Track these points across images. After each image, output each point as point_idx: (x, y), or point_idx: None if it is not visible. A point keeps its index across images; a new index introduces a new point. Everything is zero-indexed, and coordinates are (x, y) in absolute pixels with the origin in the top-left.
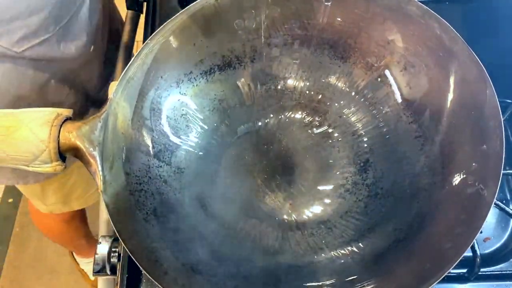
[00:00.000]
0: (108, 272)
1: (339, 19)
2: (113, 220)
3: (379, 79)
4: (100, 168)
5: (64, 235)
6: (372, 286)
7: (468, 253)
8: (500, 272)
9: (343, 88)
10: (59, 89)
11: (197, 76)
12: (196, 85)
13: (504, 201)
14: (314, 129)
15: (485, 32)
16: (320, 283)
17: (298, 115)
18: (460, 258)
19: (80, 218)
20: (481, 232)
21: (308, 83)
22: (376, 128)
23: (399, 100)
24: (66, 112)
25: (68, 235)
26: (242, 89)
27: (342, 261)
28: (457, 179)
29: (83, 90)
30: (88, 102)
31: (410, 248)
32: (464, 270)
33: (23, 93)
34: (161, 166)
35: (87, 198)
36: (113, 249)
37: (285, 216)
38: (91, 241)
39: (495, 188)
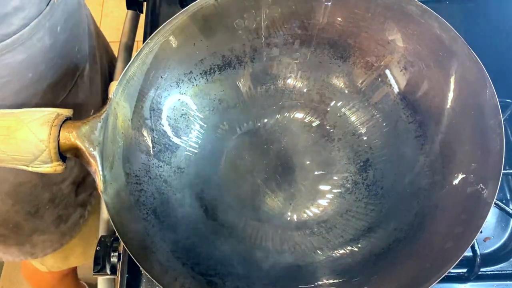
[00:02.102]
0: (108, 272)
1: (339, 18)
2: (113, 220)
3: (379, 78)
4: (100, 168)
5: None
6: (372, 285)
7: (468, 253)
8: (500, 272)
9: (343, 88)
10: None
11: (197, 76)
12: (196, 85)
13: (504, 201)
14: (314, 128)
15: (485, 32)
16: (320, 283)
17: (298, 115)
18: (460, 258)
19: (73, 275)
20: (481, 232)
21: (308, 83)
22: (376, 128)
23: (399, 99)
24: (66, 112)
25: None
26: (242, 89)
27: (342, 261)
28: (457, 179)
29: None
30: None
31: (410, 248)
32: (464, 270)
33: None
34: (161, 166)
35: (86, 256)
36: (113, 249)
37: (285, 216)
38: None
39: (495, 188)
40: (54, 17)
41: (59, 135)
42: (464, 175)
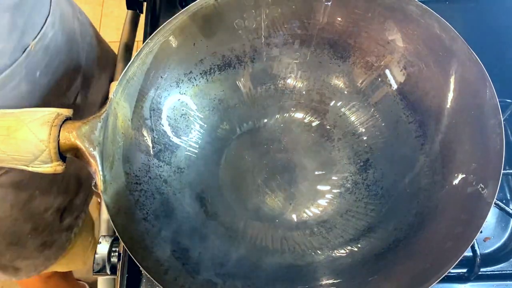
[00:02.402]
0: (108, 271)
1: (339, 18)
2: (113, 220)
3: (379, 78)
4: (100, 168)
5: None
6: (372, 286)
7: (468, 253)
8: (500, 272)
9: (343, 88)
10: None
11: (197, 76)
12: (196, 85)
13: (504, 201)
14: (314, 128)
15: (485, 32)
16: (320, 283)
17: (298, 115)
18: (460, 258)
19: (60, 275)
20: (481, 232)
21: (308, 83)
22: (376, 128)
23: (399, 99)
24: (66, 112)
25: None
26: (242, 89)
27: (342, 261)
28: (457, 179)
29: None
30: None
31: (410, 248)
32: (464, 270)
33: None
34: (161, 166)
35: (70, 266)
36: (113, 249)
37: (285, 216)
38: None
39: (495, 188)
40: (32, 64)
41: (59, 135)
42: (464, 175)
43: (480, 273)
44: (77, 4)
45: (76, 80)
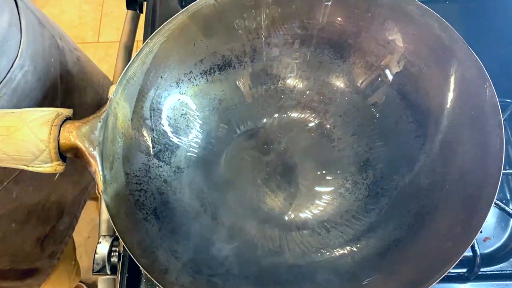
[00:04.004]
0: (108, 271)
1: (339, 18)
2: (113, 220)
3: (379, 78)
4: (100, 168)
5: None
6: (372, 286)
7: (468, 252)
8: (500, 272)
9: (343, 88)
10: None
11: (197, 76)
12: (196, 85)
13: (504, 201)
14: (314, 128)
15: (485, 32)
16: (321, 283)
17: (298, 115)
18: (460, 258)
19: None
20: (481, 232)
21: (308, 83)
22: (376, 128)
23: (399, 99)
24: (66, 112)
25: None
26: (242, 89)
27: (342, 261)
28: (457, 179)
29: None
30: None
31: (410, 248)
32: (464, 270)
33: None
34: (161, 166)
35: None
36: (113, 249)
37: (285, 216)
38: None
39: (495, 188)
40: None
41: (59, 135)
42: (464, 175)
43: (480, 273)
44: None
45: (55, 102)
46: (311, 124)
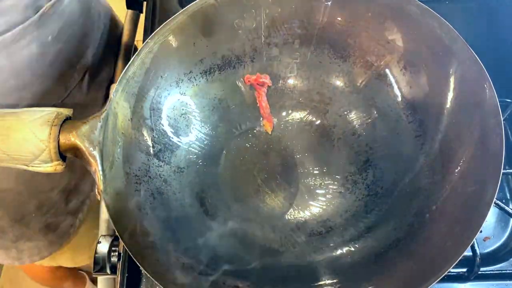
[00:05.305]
0: (108, 271)
1: (339, 18)
2: (113, 220)
3: (379, 78)
4: (100, 168)
5: (50, 281)
6: (372, 285)
7: (468, 252)
8: (499, 272)
9: (343, 87)
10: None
11: (197, 75)
12: (196, 84)
13: (504, 201)
14: (314, 128)
15: (485, 32)
16: (320, 283)
17: (298, 115)
18: (460, 258)
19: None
20: (481, 232)
21: (308, 83)
22: (376, 128)
23: (399, 99)
24: (66, 111)
25: (54, 281)
26: (242, 89)
27: (342, 261)
28: (457, 179)
29: None
30: None
31: (410, 248)
32: (464, 270)
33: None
34: (161, 166)
35: (76, 260)
36: (113, 249)
37: (285, 216)
38: (78, 282)
39: (495, 188)
40: (45, 26)
41: (59, 135)
42: (464, 175)
43: (480, 272)
44: None
45: (86, 58)
46: (311, 124)
